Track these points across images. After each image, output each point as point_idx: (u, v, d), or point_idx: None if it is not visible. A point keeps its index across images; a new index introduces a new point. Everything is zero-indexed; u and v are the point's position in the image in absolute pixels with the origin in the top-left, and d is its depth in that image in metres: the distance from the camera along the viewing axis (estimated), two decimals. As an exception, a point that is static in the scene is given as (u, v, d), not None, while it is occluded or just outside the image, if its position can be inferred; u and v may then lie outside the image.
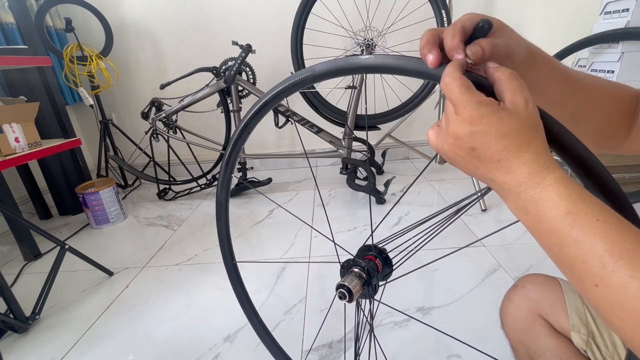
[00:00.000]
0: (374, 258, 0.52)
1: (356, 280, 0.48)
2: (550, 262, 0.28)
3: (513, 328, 0.51)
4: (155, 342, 0.93)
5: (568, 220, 0.24)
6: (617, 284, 0.22)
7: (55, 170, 1.75)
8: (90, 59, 1.85)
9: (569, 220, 0.24)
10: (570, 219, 0.24)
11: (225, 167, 0.57)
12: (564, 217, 0.25)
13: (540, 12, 1.98)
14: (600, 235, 0.23)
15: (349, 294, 0.46)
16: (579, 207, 0.24)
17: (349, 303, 0.47)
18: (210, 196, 1.95)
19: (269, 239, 1.42)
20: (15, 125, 1.24)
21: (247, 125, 0.53)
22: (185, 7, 2.01)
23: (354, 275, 0.49)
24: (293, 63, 1.73)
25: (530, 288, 0.51)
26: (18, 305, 0.99)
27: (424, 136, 2.29)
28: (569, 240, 0.24)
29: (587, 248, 0.24)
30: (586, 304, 0.45)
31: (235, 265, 0.63)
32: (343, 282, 0.47)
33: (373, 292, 0.49)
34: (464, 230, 1.36)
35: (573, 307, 0.46)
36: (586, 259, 0.24)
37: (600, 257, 0.23)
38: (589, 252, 0.23)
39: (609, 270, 0.23)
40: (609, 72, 1.33)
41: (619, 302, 0.22)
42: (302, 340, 0.90)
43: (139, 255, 1.38)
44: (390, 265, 0.53)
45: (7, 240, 1.59)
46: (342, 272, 0.51)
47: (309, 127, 1.75)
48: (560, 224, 0.25)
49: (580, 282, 0.25)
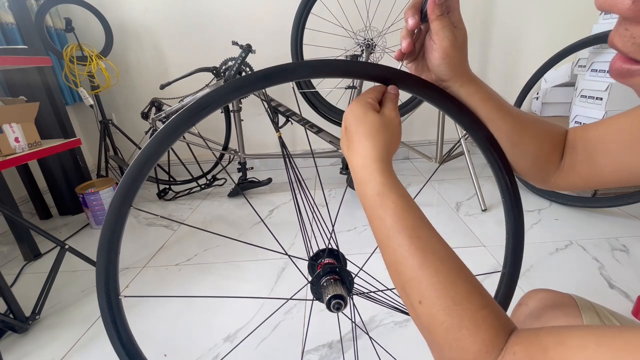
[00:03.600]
0: (327, 261, 0.53)
1: (335, 285, 0.48)
2: (551, 261, 0.29)
3: None
4: (155, 342, 0.93)
5: (378, 200, 0.34)
6: (392, 249, 0.33)
7: (55, 170, 1.75)
8: (90, 59, 1.85)
9: (378, 200, 0.34)
10: (379, 199, 0.34)
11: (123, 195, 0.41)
12: (375, 197, 0.34)
13: (540, 12, 1.99)
14: (391, 213, 0.33)
15: (342, 298, 0.46)
16: (385, 191, 0.34)
17: (346, 306, 0.47)
18: (210, 196, 1.95)
19: (269, 238, 1.42)
20: (15, 125, 1.24)
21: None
22: (185, 7, 2.01)
23: (330, 282, 0.49)
24: (293, 63, 1.73)
25: (535, 305, 0.49)
26: (18, 305, 0.99)
27: (424, 136, 2.29)
28: (377, 213, 0.34)
29: (383, 221, 0.33)
30: (604, 322, 0.44)
31: (120, 301, 0.45)
32: (329, 295, 0.46)
33: (351, 283, 0.52)
34: (464, 230, 1.36)
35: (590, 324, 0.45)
36: (382, 229, 0.34)
37: (387, 229, 0.33)
38: (384, 223, 0.33)
39: (390, 239, 0.33)
40: (609, 72, 1.33)
41: (390, 263, 0.33)
42: (302, 340, 0.90)
43: (139, 255, 1.38)
44: (344, 258, 0.55)
45: (7, 240, 1.59)
46: (315, 290, 0.51)
47: (309, 127, 1.75)
48: (374, 202, 0.34)
49: (380, 246, 0.35)
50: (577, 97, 1.48)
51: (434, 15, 0.37)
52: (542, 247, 1.20)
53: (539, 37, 2.03)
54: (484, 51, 2.08)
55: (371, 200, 0.35)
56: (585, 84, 1.43)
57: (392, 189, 0.34)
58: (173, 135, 0.39)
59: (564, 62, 1.59)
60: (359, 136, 0.37)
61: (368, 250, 1.26)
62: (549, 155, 0.43)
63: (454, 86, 0.41)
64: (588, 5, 1.88)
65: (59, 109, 1.58)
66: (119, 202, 0.40)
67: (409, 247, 0.31)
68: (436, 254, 0.31)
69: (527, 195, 1.59)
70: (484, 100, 0.42)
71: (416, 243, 0.31)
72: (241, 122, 1.84)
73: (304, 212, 0.73)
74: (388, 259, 0.33)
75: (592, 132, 0.41)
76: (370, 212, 0.35)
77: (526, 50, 2.07)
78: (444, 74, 0.40)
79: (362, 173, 0.36)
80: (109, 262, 0.43)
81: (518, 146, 0.43)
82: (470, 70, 0.42)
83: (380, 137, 0.37)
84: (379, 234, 0.34)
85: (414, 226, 0.32)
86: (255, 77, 0.38)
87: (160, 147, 0.40)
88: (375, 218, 0.34)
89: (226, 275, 1.20)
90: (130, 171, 0.40)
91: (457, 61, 0.39)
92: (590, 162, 0.41)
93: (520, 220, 0.47)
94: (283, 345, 0.88)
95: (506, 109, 0.42)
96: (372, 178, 0.35)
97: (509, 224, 0.47)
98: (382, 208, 0.34)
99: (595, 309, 0.45)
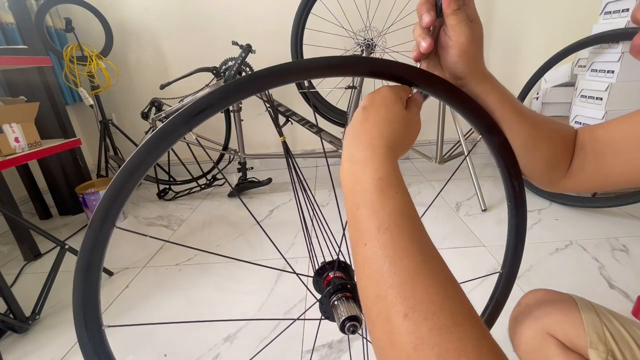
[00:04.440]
0: (335, 274, 0.49)
1: (348, 303, 0.44)
2: (550, 261, 0.28)
3: (525, 349, 0.49)
4: (155, 342, 0.93)
5: (377, 185, 0.29)
6: (383, 243, 0.26)
7: (55, 170, 1.75)
8: (90, 59, 1.85)
9: (378, 185, 0.29)
10: (379, 185, 0.29)
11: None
12: (376, 181, 0.29)
13: (540, 12, 1.99)
14: (393, 204, 0.28)
15: (357, 320, 0.42)
16: (390, 179, 0.29)
17: (362, 326, 0.42)
18: (210, 196, 1.95)
19: (268, 240, 1.42)
20: (15, 125, 1.24)
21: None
22: (185, 7, 2.01)
23: (342, 301, 0.44)
24: (293, 63, 1.73)
25: (534, 305, 0.49)
26: (18, 305, 0.99)
27: (424, 136, 2.29)
28: (371, 200, 0.29)
29: (378, 211, 0.28)
30: (604, 322, 0.44)
31: (103, 332, 0.39)
32: (343, 317, 0.42)
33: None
34: (464, 230, 1.36)
35: (590, 325, 0.44)
36: (373, 219, 0.28)
37: (381, 220, 0.27)
38: (378, 213, 0.28)
39: (383, 232, 0.27)
40: (609, 72, 1.33)
41: (373, 260, 0.26)
42: (302, 340, 0.90)
43: (139, 255, 1.38)
44: (350, 268, 0.51)
45: (7, 240, 1.59)
46: (324, 309, 0.46)
47: (309, 127, 1.75)
48: (370, 186, 0.29)
49: (357, 239, 0.28)
50: (577, 97, 1.48)
51: (450, 9, 0.35)
52: (542, 247, 1.20)
53: (539, 37, 2.03)
54: (484, 51, 2.08)
55: (368, 184, 0.29)
56: (585, 84, 1.43)
57: (398, 178, 0.30)
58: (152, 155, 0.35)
59: (564, 62, 1.59)
60: (378, 117, 0.33)
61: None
62: (560, 158, 0.42)
63: (470, 84, 0.39)
64: (588, 5, 1.88)
65: (59, 109, 1.58)
66: (99, 222, 0.35)
67: (407, 246, 0.26)
68: (436, 260, 0.26)
69: (527, 195, 1.58)
70: (501, 102, 0.39)
71: (416, 244, 0.26)
72: (241, 122, 1.84)
73: (309, 219, 0.69)
74: (371, 254, 0.27)
75: (602, 131, 0.40)
76: (362, 198, 0.29)
77: (526, 50, 2.07)
78: (460, 72, 0.38)
79: (365, 152, 0.31)
80: (88, 289, 0.36)
81: (532, 150, 0.41)
82: (485, 67, 0.40)
83: (399, 129, 0.34)
84: (365, 224, 0.28)
85: (416, 227, 0.27)
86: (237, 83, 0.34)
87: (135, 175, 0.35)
88: (366, 205, 0.29)
89: (226, 275, 1.20)
90: (112, 187, 0.35)
91: (473, 58, 0.37)
92: (600, 162, 0.40)
93: (524, 225, 0.46)
94: (283, 345, 0.88)
95: (523, 112, 0.40)
96: (378, 160, 0.30)
97: (512, 227, 0.47)
98: (382, 196, 0.28)
99: (595, 309, 0.45)
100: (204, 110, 0.34)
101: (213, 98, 0.34)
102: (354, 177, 0.31)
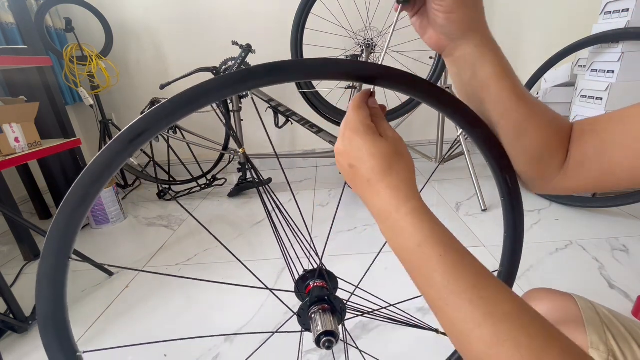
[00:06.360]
0: (317, 283, 0.46)
1: (324, 316, 0.41)
2: (550, 261, 0.28)
3: None
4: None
5: (419, 253, 0.27)
6: (450, 316, 0.25)
7: (55, 170, 1.75)
8: (90, 59, 1.85)
9: (419, 253, 0.27)
10: (420, 252, 0.27)
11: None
12: (415, 250, 0.27)
13: (540, 12, 1.99)
14: (440, 271, 0.26)
15: (333, 335, 0.39)
16: (428, 241, 0.27)
17: (338, 342, 0.40)
18: (210, 196, 1.95)
19: (269, 238, 1.42)
20: (15, 125, 1.24)
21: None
22: (185, 7, 2.01)
23: (319, 314, 0.41)
24: (293, 63, 1.73)
25: (534, 305, 0.48)
26: (18, 305, 0.99)
27: (424, 136, 2.29)
28: (420, 270, 0.27)
29: (431, 280, 0.26)
30: (605, 322, 0.43)
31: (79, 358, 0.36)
32: (318, 332, 0.39)
33: (343, 312, 0.44)
34: (464, 230, 1.36)
35: (591, 325, 0.43)
36: (431, 291, 0.27)
37: (437, 291, 0.26)
38: (432, 283, 0.26)
39: (445, 303, 0.25)
40: (609, 72, 1.33)
41: (450, 331, 0.26)
42: (302, 340, 0.90)
43: (139, 255, 1.38)
44: (335, 279, 0.49)
45: (7, 240, 1.59)
46: (302, 321, 0.44)
47: (309, 127, 1.75)
48: (414, 256, 0.28)
49: (432, 307, 0.27)
50: (577, 97, 1.48)
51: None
52: (542, 247, 1.20)
53: (538, 37, 2.03)
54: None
55: (410, 253, 0.28)
56: (585, 84, 1.43)
57: (435, 235, 0.27)
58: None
59: (564, 62, 1.59)
60: (375, 175, 0.30)
61: (367, 251, 1.26)
62: (555, 150, 0.38)
63: (466, 47, 0.35)
64: (588, 5, 1.88)
65: (59, 109, 1.58)
66: (51, 256, 0.33)
67: (472, 315, 0.24)
68: (510, 318, 0.23)
69: (527, 195, 1.59)
70: (498, 76, 0.35)
71: (482, 308, 0.24)
72: (241, 122, 1.84)
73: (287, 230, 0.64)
74: (446, 326, 0.26)
75: (604, 122, 0.35)
76: (411, 267, 0.28)
77: (526, 50, 2.07)
78: (453, 32, 0.34)
79: (391, 220, 0.29)
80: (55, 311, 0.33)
81: (524, 135, 0.37)
82: (487, 28, 0.35)
83: (400, 169, 0.30)
84: (428, 296, 0.27)
85: (474, 285, 0.25)
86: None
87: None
88: (419, 275, 0.27)
89: (226, 275, 1.20)
90: (62, 211, 0.32)
91: (466, 16, 0.33)
92: (602, 156, 0.35)
93: (520, 220, 0.45)
94: (283, 345, 0.88)
95: (520, 92, 0.36)
96: (408, 224, 0.28)
97: (508, 223, 0.46)
98: (427, 264, 0.26)
99: (596, 309, 0.45)
100: (141, 135, 0.32)
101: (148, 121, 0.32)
102: (398, 247, 0.29)
